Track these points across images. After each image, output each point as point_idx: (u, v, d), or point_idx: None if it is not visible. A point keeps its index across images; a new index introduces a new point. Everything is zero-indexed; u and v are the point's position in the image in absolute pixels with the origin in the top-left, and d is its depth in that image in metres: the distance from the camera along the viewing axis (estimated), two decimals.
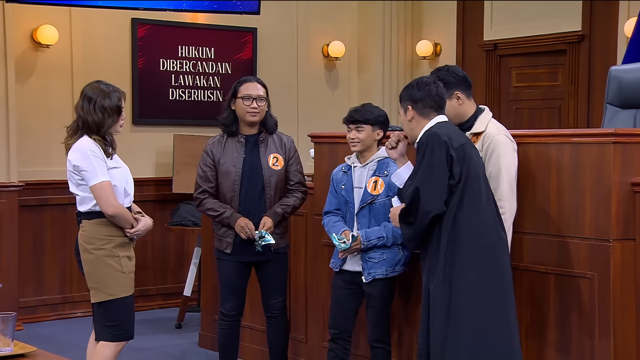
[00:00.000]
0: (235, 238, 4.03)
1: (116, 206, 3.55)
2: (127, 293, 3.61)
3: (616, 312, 3.27)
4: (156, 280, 6.52)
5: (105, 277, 3.57)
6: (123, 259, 3.59)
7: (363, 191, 3.75)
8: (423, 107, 3.29)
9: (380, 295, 3.75)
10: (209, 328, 5.22)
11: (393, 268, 3.74)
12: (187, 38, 6.69)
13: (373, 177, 3.74)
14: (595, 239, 3.27)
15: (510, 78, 7.03)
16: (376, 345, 3.81)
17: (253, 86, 4.06)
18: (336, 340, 3.87)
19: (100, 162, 3.53)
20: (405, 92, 3.37)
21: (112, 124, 3.60)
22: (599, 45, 6.37)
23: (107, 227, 3.58)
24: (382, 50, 7.34)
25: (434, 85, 3.32)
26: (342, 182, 3.84)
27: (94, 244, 3.58)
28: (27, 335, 5.26)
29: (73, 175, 3.58)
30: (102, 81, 3.71)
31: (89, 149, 3.52)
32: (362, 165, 3.81)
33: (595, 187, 3.30)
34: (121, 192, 3.61)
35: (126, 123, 6.38)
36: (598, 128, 4.37)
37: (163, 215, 6.45)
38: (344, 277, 3.82)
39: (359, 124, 3.76)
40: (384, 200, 3.71)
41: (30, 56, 6.08)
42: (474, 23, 7.15)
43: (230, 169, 4.03)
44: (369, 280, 3.73)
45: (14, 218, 5.73)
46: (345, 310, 3.84)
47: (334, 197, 3.89)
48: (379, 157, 3.79)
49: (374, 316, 3.79)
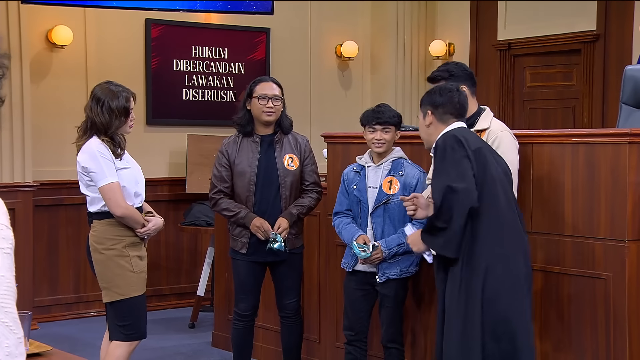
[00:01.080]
0: (250, 238, 4.02)
1: (125, 207, 3.55)
2: (138, 292, 3.61)
3: (632, 312, 3.25)
4: (170, 280, 6.54)
5: (116, 276, 3.58)
6: (134, 258, 3.59)
7: (378, 191, 3.73)
8: (443, 113, 3.26)
9: (394, 296, 3.74)
10: (222, 328, 5.23)
11: (407, 269, 3.74)
12: (200, 38, 6.70)
13: (388, 177, 3.73)
14: (610, 240, 3.26)
15: (524, 78, 7.00)
16: (390, 346, 3.80)
17: (269, 86, 4.06)
18: (353, 343, 3.86)
19: (109, 164, 3.53)
20: (427, 97, 3.33)
21: (120, 125, 3.59)
22: (614, 44, 6.33)
23: (117, 227, 3.59)
24: (396, 50, 7.33)
25: (457, 93, 3.29)
26: (354, 182, 3.82)
27: (104, 244, 3.59)
28: (42, 334, 5.28)
29: (82, 176, 3.60)
30: (112, 82, 3.70)
31: (97, 150, 3.53)
32: (377, 165, 3.79)
33: (611, 188, 3.28)
34: (130, 193, 3.61)
35: (140, 123, 6.50)
36: (613, 128, 4.34)
37: (176, 215, 6.46)
38: (357, 278, 3.81)
39: (386, 125, 3.74)
40: (399, 200, 3.69)
41: (45, 56, 6.11)
42: (488, 23, 7.13)
43: (245, 169, 4.03)
44: (383, 281, 3.73)
45: (28, 218, 5.75)
46: (359, 311, 3.83)
47: (344, 197, 3.87)
48: (393, 157, 3.78)
49: (387, 316, 3.78)
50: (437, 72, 3.58)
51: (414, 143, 3.92)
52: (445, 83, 3.40)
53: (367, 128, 3.78)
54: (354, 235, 3.74)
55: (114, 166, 3.55)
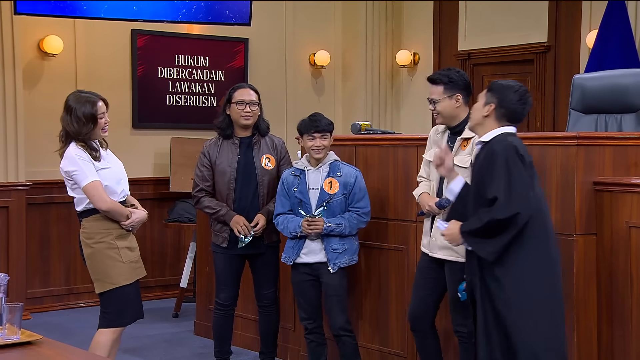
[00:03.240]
0: (230, 233, 4.03)
1: (109, 202, 3.53)
2: (129, 281, 3.58)
3: (579, 302, 3.28)
4: (155, 272, 6.49)
5: (107, 267, 3.55)
6: (122, 250, 3.57)
7: (320, 191, 3.81)
8: (502, 115, 3.02)
9: (339, 284, 3.80)
10: (203, 317, 5.20)
11: (352, 257, 3.83)
12: (183, 48, 6.66)
13: (328, 178, 3.82)
14: (560, 234, 3.29)
15: (483, 85, 7.03)
16: (342, 334, 3.82)
17: (246, 92, 4.07)
18: (313, 331, 3.90)
19: (88, 165, 3.52)
20: (499, 88, 3.06)
21: (89, 131, 3.54)
22: (564, 55, 6.40)
23: (103, 222, 3.57)
24: (365, 59, 7.34)
25: (524, 106, 3.05)
26: (294, 185, 3.87)
27: (93, 238, 3.57)
28: (34, 324, 5.22)
29: (67, 180, 3.59)
30: (82, 90, 3.68)
31: (76, 154, 3.52)
32: (316, 168, 3.87)
33: (561, 186, 3.31)
34: (112, 190, 3.58)
35: (126, 127, 6.45)
36: (563, 132, 4.39)
37: (161, 212, 6.43)
38: (303, 270, 3.85)
39: (324, 132, 3.82)
40: (340, 199, 3.80)
41: (37, 64, 6.04)
42: (449, 34, 7.17)
43: (225, 169, 4.03)
44: (335, 270, 3.76)
45: (22, 215, 5.69)
46: (312, 300, 3.87)
47: (286, 199, 3.90)
48: (330, 160, 3.88)
49: (335, 305, 3.81)
50: (438, 75, 3.50)
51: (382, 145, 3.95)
52: (522, 86, 3.10)
53: (305, 136, 3.86)
54: (297, 222, 3.80)
55: (94, 167, 3.53)
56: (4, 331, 2.58)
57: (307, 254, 3.82)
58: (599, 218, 3.31)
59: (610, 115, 4.15)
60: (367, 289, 4.11)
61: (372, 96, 7.37)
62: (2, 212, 5.61)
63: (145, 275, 3.73)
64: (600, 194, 3.31)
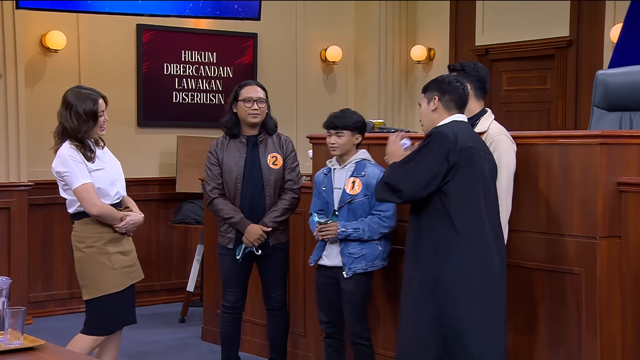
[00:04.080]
0: (236, 234, 4.04)
1: (100, 206, 3.52)
2: (119, 288, 3.57)
3: (602, 307, 3.27)
4: (160, 276, 6.52)
5: (96, 273, 3.55)
6: (114, 255, 3.56)
7: (342, 191, 3.78)
8: (449, 101, 3.29)
9: (354, 291, 3.75)
10: (211, 322, 5.22)
11: (372, 262, 3.76)
12: (190, 43, 6.68)
13: (351, 178, 3.78)
14: (582, 237, 3.28)
15: (501, 82, 7.03)
16: (356, 341, 3.81)
17: (253, 89, 4.09)
18: (332, 335, 3.88)
19: (80, 166, 3.51)
20: (433, 84, 3.36)
21: (88, 129, 3.54)
22: (586, 50, 6.37)
23: (96, 225, 3.56)
24: (378, 54, 7.34)
25: (462, 87, 3.34)
26: (323, 184, 3.87)
27: (84, 242, 3.57)
28: (36, 329, 5.25)
29: (59, 181, 3.59)
30: (82, 86, 3.68)
31: (68, 155, 3.51)
32: (341, 167, 3.84)
33: (583, 187, 3.30)
34: (105, 193, 3.57)
35: (131, 125, 6.48)
36: (585, 130, 4.37)
37: (167, 213, 6.45)
38: (323, 273, 3.84)
39: (339, 129, 3.79)
40: (362, 200, 3.74)
41: (40, 61, 6.07)
42: (467, 28, 7.15)
43: (232, 168, 4.06)
44: (350, 275, 3.74)
45: (24, 216, 5.73)
46: (333, 304, 3.84)
47: (317, 198, 3.92)
48: (357, 159, 3.83)
49: (349, 312, 3.79)
50: (454, 65, 3.63)
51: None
52: (453, 75, 3.43)
53: (327, 133, 3.86)
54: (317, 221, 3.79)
55: (87, 168, 3.52)
56: (6, 336, 2.60)
57: (327, 257, 3.81)
58: (623, 220, 3.30)
59: (635, 112, 4.13)
60: (391, 294, 4.07)
61: (385, 93, 7.37)
62: (3, 213, 5.64)
63: (142, 278, 3.73)
64: (624, 194, 3.29)
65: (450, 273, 3.13)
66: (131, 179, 6.43)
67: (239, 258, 4.04)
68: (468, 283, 3.12)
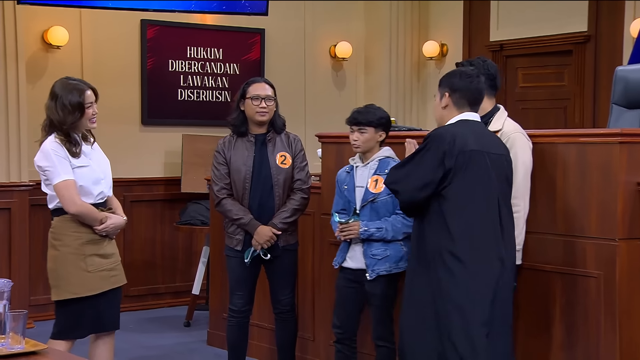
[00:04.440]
0: (245, 236, 4.04)
1: (80, 204, 3.49)
2: (92, 292, 3.51)
3: (622, 311, 3.25)
4: (165, 278, 6.52)
5: (68, 275, 3.51)
6: (90, 257, 3.51)
7: (365, 190, 3.74)
8: (459, 98, 3.24)
9: (381, 294, 3.73)
10: (217, 326, 5.22)
11: (397, 264, 3.72)
12: (195, 39, 6.69)
13: (374, 176, 3.73)
14: (601, 239, 3.26)
15: (517, 78, 7.01)
16: (380, 344, 3.80)
17: (261, 86, 4.08)
18: (342, 341, 3.86)
19: (63, 162, 3.48)
20: (446, 79, 3.30)
21: (74, 121, 3.51)
22: (605, 45, 6.34)
23: (75, 224, 3.53)
24: (389, 50, 7.33)
25: (476, 80, 3.27)
26: (345, 183, 3.84)
27: (60, 240, 3.54)
28: (38, 332, 5.24)
29: (41, 175, 3.57)
30: (70, 77, 3.66)
31: (51, 149, 3.49)
32: (364, 165, 3.81)
33: (602, 187, 3.28)
34: (87, 191, 3.54)
35: (135, 123, 6.49)
36: (604, 128, 4.35)
37: (172, 214, 6.46)
38: (346, 276, 3.80)
39: (361, 125, 3.76)
40: (385, 199, 3.70)
41: (41, 57, 6.09)
42: (481, 24, 7.13)
43: (240, 168, 4.06)
44: (373, 278, 3.72)
45: (24, 217, 5.74)
46: (349, 309, 3.82)
47: (339, 197, 3.89)
48: (380, 156, 3.79)
49: (375, 314, 3.78)
50: (462, 62, 3.61)
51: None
52: (467, 68, 3.38)
53: (349, 129, 3.83)
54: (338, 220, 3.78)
55: (69, 164, 3.49)
56: (7, 340, 2.60)
57: (351, 258, 3.79)
58: None
59: None
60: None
61: (396, 90, 7.36)
62: (4, 214, 5.66)
63: (125, 283, 3.67)
64: None
65: (445, 278, 3.11)
66: (135, 179, 6.54)
67: (248, 261, 4.03)
68: (461, 288, 3.09)
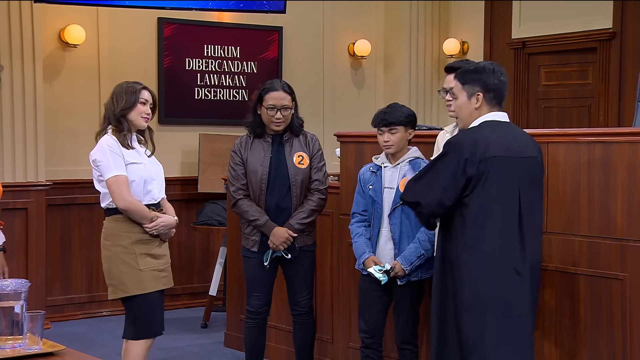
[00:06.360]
0: (261, 237, 4.05)
1: (129, 201, 3.55)
2: (145, 290, 3.57)
3: None
4: (182, 279, 6.54)
5: (121, 274, 3.58)
6: (141, 256, 3.58)
7: (395, 191, 3.71)
8: (493, 98, 3.08)
9: (410, 297, 3.74)
10: (234, 328, 5.23)
11: (427, 271, 3.71)
12: (212, 37, 6.71)
13: (405, 178, 3.66)
14: (627, 240, 3.24)
15: (539, 76, 6.97)
16: (404, 347, 3.79)
17: (278, 95, 4.03)
18: (370, 346, 3.83)
19: (117, 157, 3.55)
20: (475, 75, 3.11)
21: (125, 107, 3.61)
22: (631, 43, 6.29)
23: (125, 223, 3.59)
24: (409, 48, 7.31)
25: (503, 76, 3.13)
26: (369, 183, 3.80)
27: (111, 240, 3.60)
28: (54, 333, 5.30)
29: (94, 170, 3.63)
30: (128, 81, 3.78)
31: (107, 144, 3.57)
32: (393, 165, 3.77)
33: (628, 187, 3.26)
34: (139, 189, 3.60)
35: (152, 122, 6.45)
36: (630, 127, 4.31)
37: (189, 214, 6.48)
38: (372, 279, 3.76)
39: (392, 126, 3.72)
40: None
41: (58, 56, 6.14)
42: (502, 21, 7.10)
43: (257, 168, 4.06)
44: (403, 283, 3.71)
45: (41, 217, 5.78)
46: (376, 313, 3.80)
47: (361, 197, 3.86)
48: (410, 157, 3.76)
49: (403, 318, 3.77)
50: (458, 63, 3.56)
51: (428, 142, 3.92)
52: (494, 64, 3.18)
53: (377, 130, 3.78)
54: (361, 256, 3.75)
55: (123, 160, 3.56)
56: (24, 341, 2.62)
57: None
58: None
59: None
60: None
61: (416, 89, 7.34)
62: (20, 214, 5.71)
63: (172, 286, 3.75)
64: None
65: (462, 288, 3.08)
66: None
67: (267, 264, 4.04)
68: (474, 301, 3.05)
